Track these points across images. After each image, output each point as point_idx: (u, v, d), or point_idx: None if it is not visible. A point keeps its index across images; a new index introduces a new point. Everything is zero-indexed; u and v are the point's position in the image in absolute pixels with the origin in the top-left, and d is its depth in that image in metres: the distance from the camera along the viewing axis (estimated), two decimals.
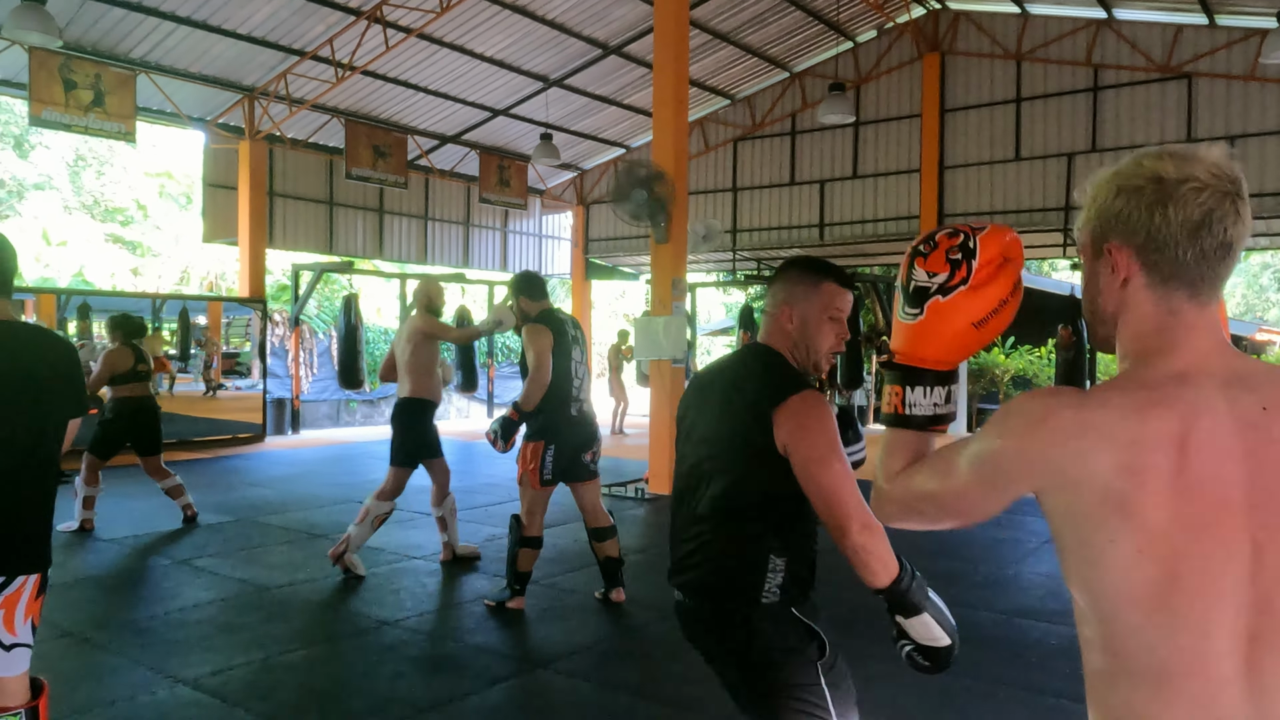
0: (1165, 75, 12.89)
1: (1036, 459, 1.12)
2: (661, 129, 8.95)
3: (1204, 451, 1.03)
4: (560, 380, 4.81)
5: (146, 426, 7.11)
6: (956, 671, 4.09)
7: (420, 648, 4.36)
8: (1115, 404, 1.08)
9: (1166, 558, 1.03)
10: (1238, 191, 1.09)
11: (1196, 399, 1.06)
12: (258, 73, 12.89)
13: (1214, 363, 1.09)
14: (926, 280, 1.28)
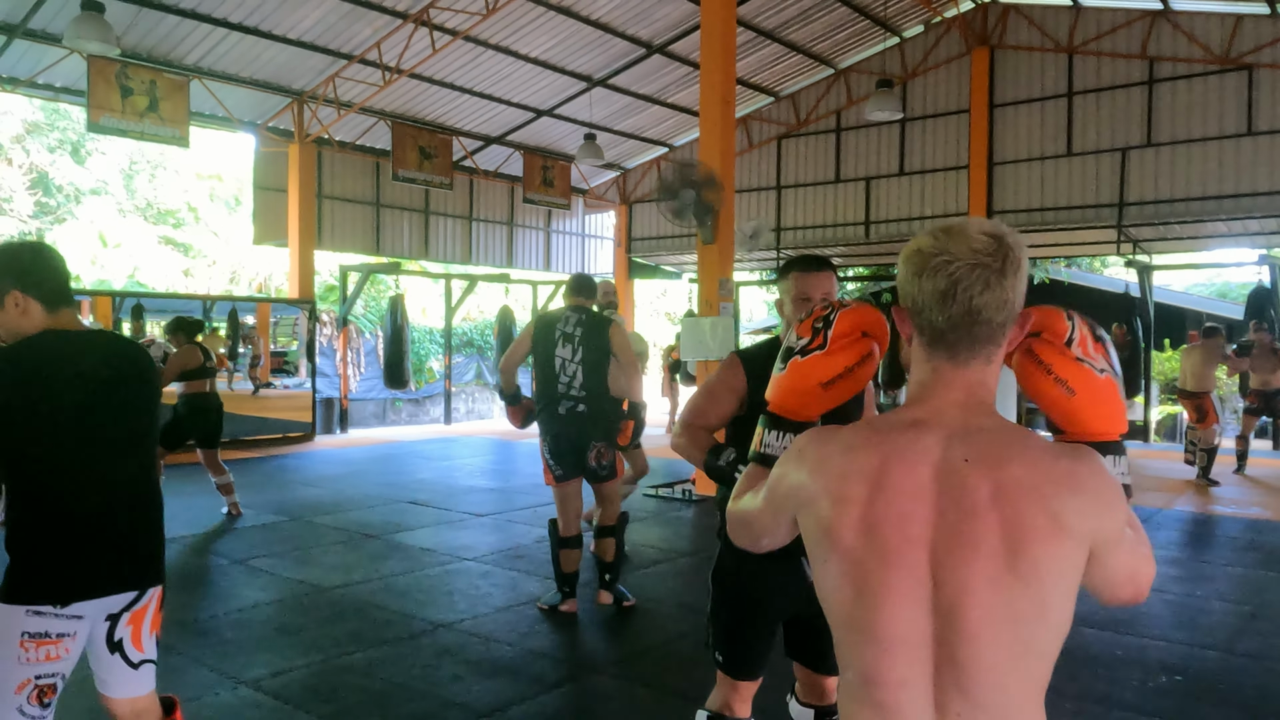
0: (1224, 67, 12.55)
1: (791, 486, 1.29)
2: (708, 128, 8.90)
3: (897, 490, 1.17)
4: (543, 377, 4.84)
5: (213, 422, 7.49)
6: None
7: (476, 651, 4.38)
8: (843, 441, 1.25)
9: (858, 580, 1.19)
10: (995, 264, 1.18)
11: (912, 443, 1.20)
12: (307, 77, 13.07)
13: (951, 416, 1.21)
14: (794, 342, 1.49)
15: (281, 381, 15.57)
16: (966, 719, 1.15)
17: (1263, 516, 7.86)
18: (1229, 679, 4.07)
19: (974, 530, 1.14)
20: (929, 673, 1.16)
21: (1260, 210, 12.52)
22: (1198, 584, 5.66)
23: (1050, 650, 1.19)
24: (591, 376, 4.80)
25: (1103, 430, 1.34)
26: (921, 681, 1.16)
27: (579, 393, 4.80)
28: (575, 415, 4.82)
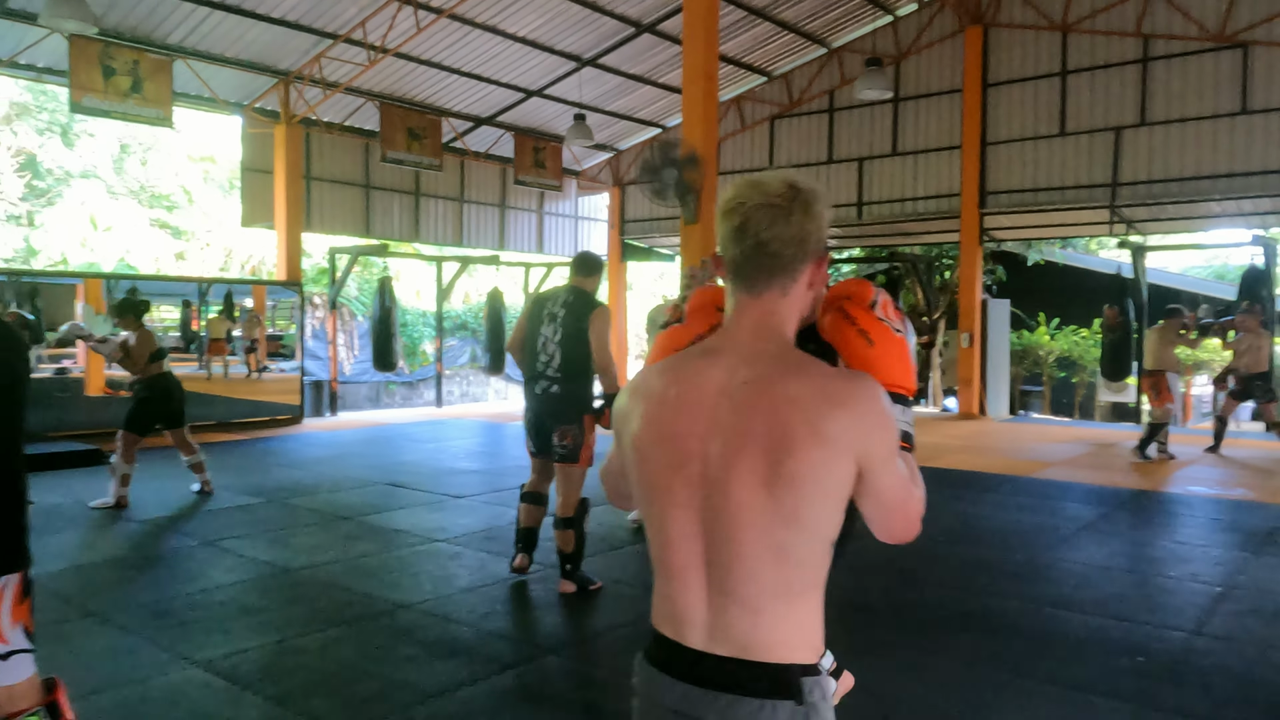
0: (1219, 44, 12.40)
1: (620, 415, 1.46)
2: (691, 106, 8.81)
3: (684, 408, 1.35)
4: (528, 354, 4.88)
5: (177, 401, 7.41)
6: (981, 662, 3.99)
7: (434, 632, 4.34)
8: (655, 370, 1.43)
9: (649, 486, 1.39)
10: (783, 204, 1.33)
11: (705, 368, 1.37)
12: (292, 57, 12.96)
13: (742, 341, 1.37)
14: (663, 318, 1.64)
15: (278, 365, 15.55)
16: (723, 607, 1.33)
17: (1246, 498, 7.80)
18: (1191, 660, 4.02)
19: (741, 441, 1.29)
20: (701, 564, 1.34)
21: (1255, 190, 12.40)
22: (1172, 565, 5.61)
23: (806, 556, 1.31)
24: (568, 358, 4.75)
25: (894, 381, 1.43)
26: (696, 571, 1.35)
27: (555, 373, 4.79)
28: (548, 395, 4.82)
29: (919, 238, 17.05)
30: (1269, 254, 12.29)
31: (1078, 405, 18.68)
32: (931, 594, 5.03)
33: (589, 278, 4.96)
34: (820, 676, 1.34)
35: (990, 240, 15.59)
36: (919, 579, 5.29)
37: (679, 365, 1.41)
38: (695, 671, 1.35)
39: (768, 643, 1.32)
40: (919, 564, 5.63)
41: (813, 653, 1.34)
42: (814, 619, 1.35)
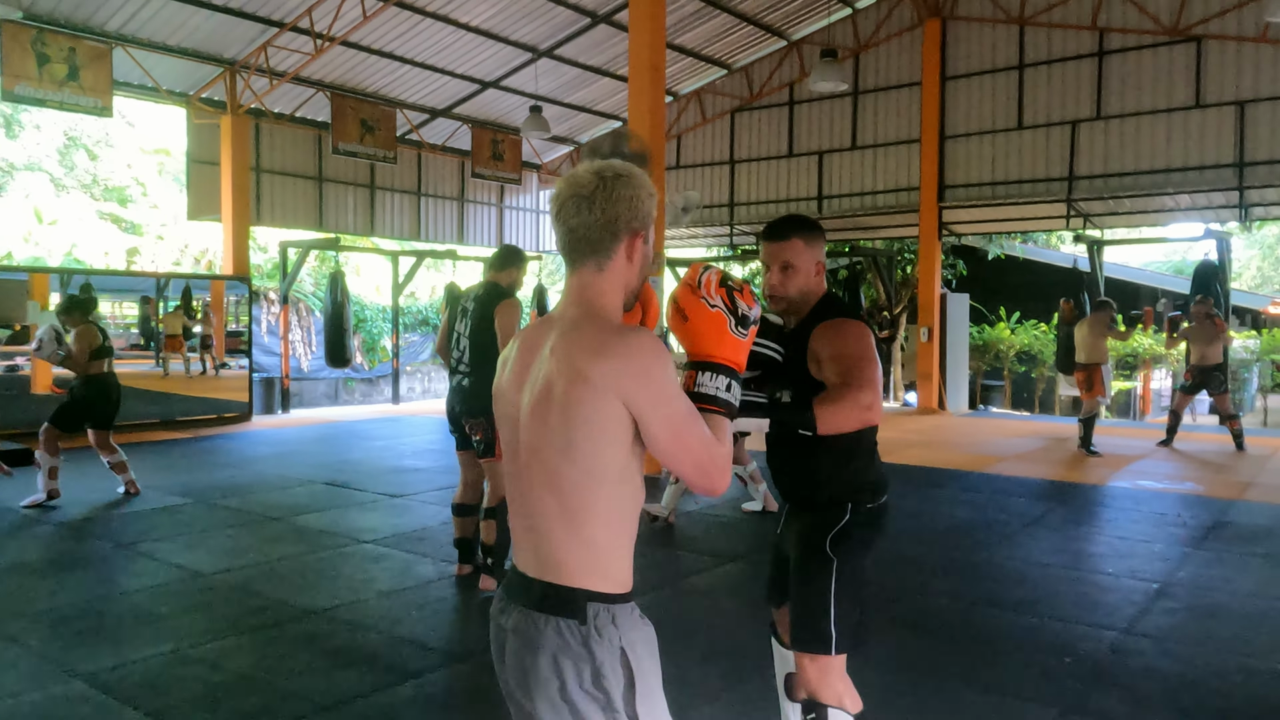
0: (1173, 38, 12.40)
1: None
2: (638, 98, 8.63)
3: (516, 369, 1.60)
4: (449, 349, 4.90)
5: (113, 403, 7.22)
6: (905, 665, 3.85)
7: (341, 639, 4.15)
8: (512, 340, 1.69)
9: (501, 437, 1.65)
10: (587, 194, 1.53)
11: (537, 335, 1.59)
12: (238, 45, 12.63)
13: (565, 311, 1.58)
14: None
15: (237, 362, 15.21)
16: (526, 531, 1.56)
17: (1194, 491, 7.76)
18: (1119, 660, 3.91)
19: (539, 388, 1.51)
20: (518, 496, 1.58)
21: (1208, 184, 12.42)
22: (1112, 561, 5.52)
23: (584, 486, 1.48)
24: (475, 351, 4.73)
25: (702, 350, 1.57)
26: (517, 503, 1.59)
27: (465, 367, 4.77)
28: (460, 389, 4.81)
29: (879, 232, 16.98)
30: (1222, 248, 12.33)
31: (1038, 400, 18.73)
32: None
33: (502, 271, 4.88)
34: (617, 606, 1.49)
35: (949, 234, 15.55)
36: None
37: (523, 334, 1.64)
38: (511, 591, 1.58)
39: (554, 564, 1.50)
40: None
41: (608, 583, 1.49)
42: (608, 552, 1.50)
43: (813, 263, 2.40)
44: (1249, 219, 13.91)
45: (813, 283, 2.40)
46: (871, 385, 2.20)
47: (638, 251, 1.57)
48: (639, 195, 1.55)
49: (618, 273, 1.57)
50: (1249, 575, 5.23)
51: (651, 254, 1.62)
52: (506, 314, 4.67)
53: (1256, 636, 4.20)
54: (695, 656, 3.96)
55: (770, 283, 2.40)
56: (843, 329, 2.32)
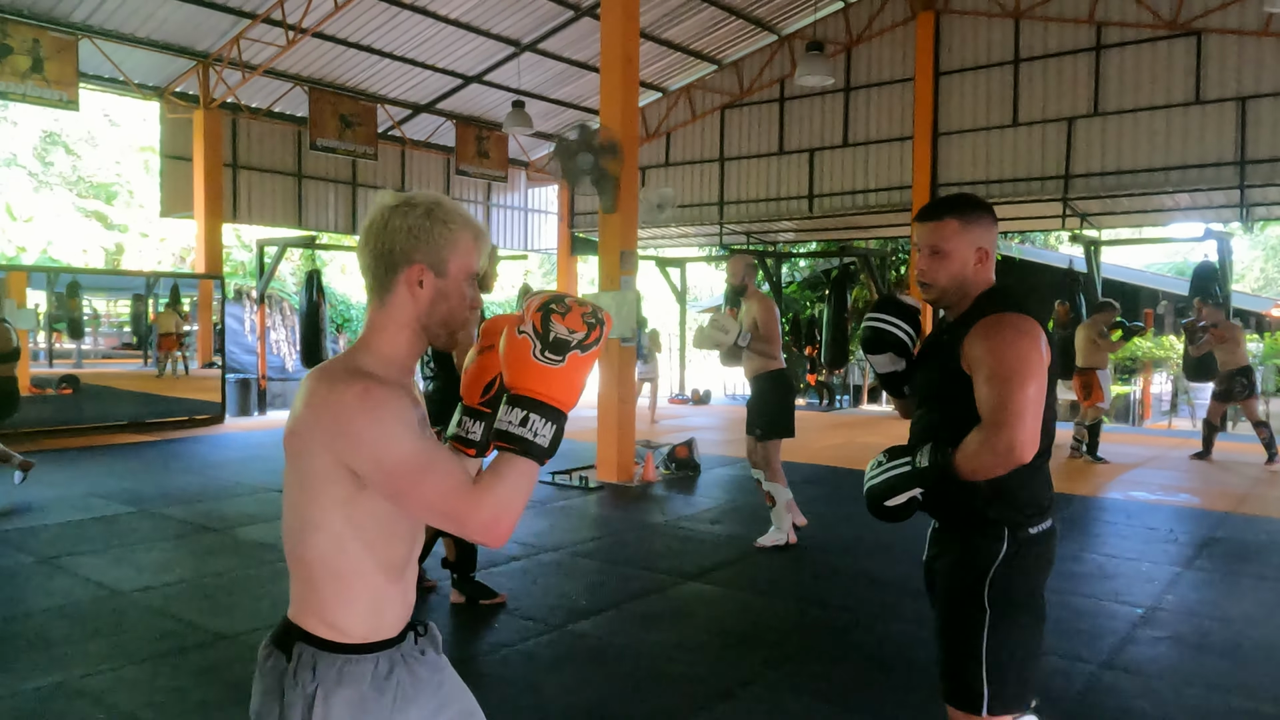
0: (1173, 32, 12.04)
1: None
2: (609, 89, 8.28)
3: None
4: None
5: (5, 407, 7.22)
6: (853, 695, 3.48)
7: (244, 669, 3.80)
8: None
9: None
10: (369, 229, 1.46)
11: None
12: (210, 38, 12.32)
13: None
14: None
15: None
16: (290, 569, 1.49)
17: (1189, 504, 7.40)
18: (1092, 699, 3.56)
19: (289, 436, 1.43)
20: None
21: (1208, 182, 12.06)
22: (1096, 582, 5.16)
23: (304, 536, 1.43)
24: (439, 355, 4.55)
25: (507, 381, 1.40)
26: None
27: (430, 371, 4.64)
28: (428, 394, 4.61)
29: (872, 231, 16.64)
30: (1222, 249, 11.94)
31: None
32: (818, 616, 4.56)
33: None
34: (323, 655, 1.41)
35: None
36: (809, 598, 4.82)
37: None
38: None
39: (293, 600, 1.48)
40: (815, 581, 5.17)
41: (325, 629, 1.42)
42: (329, 599, 1.42)
43: (970, 249, 2.11)
44: (1250, 219, 13.53)
45: (971, 272, 2.11)
46: (1020, 420, 1.93)
47: (427, 285, 1.45)
48: (422, 225, 1.43)
49: (400, 308, 1.46)
50: (1240, 599, 4.87)
51: (462, 289, 1.48)
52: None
53: (1243, 672, 3.85)
54: (627, 686, 3.62)
55: (918, 268, 2.18)
56: (997, 333, 2.00)
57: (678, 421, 12.80)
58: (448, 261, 1.45)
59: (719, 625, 4.47)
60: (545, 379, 1.36)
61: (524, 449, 1.35)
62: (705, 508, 7.21)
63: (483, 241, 1.51)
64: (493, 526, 1.34)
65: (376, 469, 1.35)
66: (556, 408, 1.37)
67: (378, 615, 1.45)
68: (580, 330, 1.36)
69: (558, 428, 1.37)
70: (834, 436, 11.49)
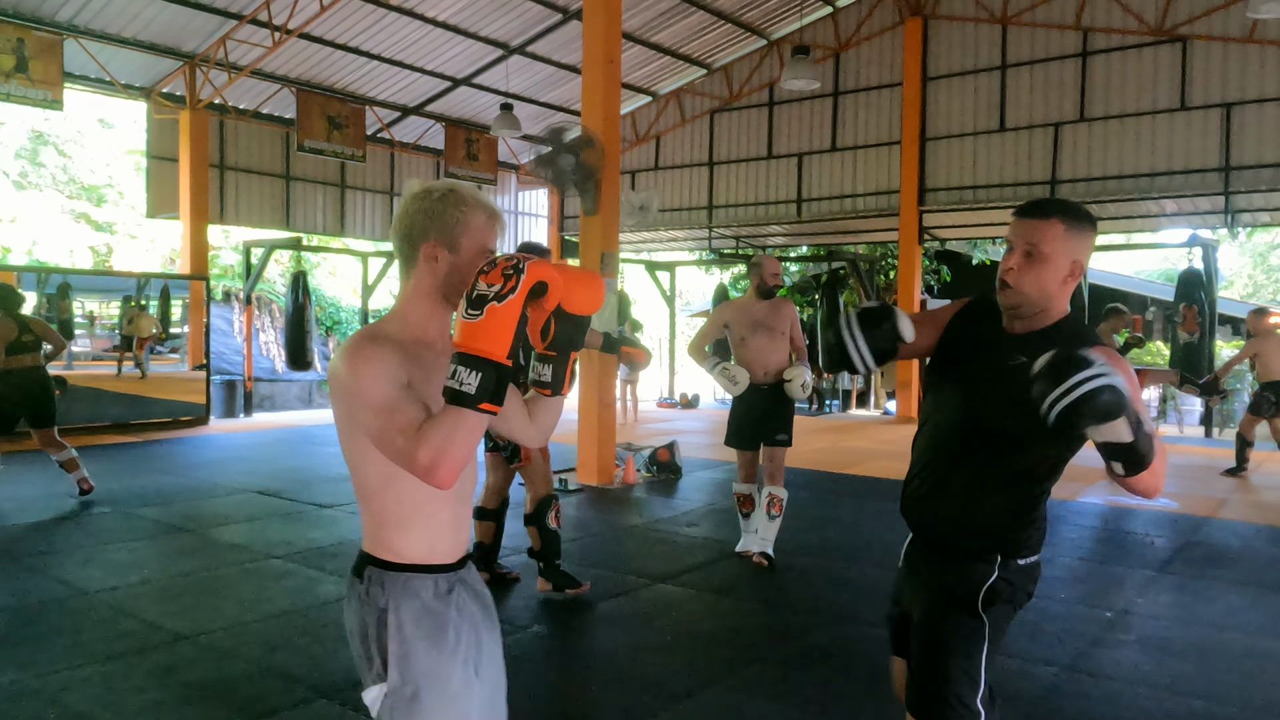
0: (1158, 39, 12.06)
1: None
2: (591, 90, 8.29)
3: None
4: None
5: (36, 397, 6.90)
6: (818, 703, 3.45)
7: (202, 671, 3.78)
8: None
9: None
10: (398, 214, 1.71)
11: None
12: (196, 38, 12.30)
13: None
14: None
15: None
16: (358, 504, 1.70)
17: (1169, 509, 7.39)
18: (1053, 702, 3.54)
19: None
20: None
21: (1193, 188, 12.07)
22: (1067, 585, 5.14)
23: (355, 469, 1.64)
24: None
25: (463, 344, 1.47)
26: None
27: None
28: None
29: (860, 236, 16.64)
30: (1207, 255, 11.96)
31: None
32: (785, 620, 4.53)
33: None
34: (388, 574, 1.63)
35: (931, 239, 15.20)
36: (778, 601, 4.80)
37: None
38: None
39: (363, 532, 1.70)
40: (790, 583, 5.15)
41: (385, 552, 1.65)
42: (384, 526, 1.65)
43: (1067, 260, 1.94)
44: (1235, 225, 13.56)
45: (1059, 285, 1.95)
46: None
47: (442, 260, 1.65)
48: (436, 208, 1.64)
49: (420, 280, 1.67)
50: (1210, 604, 4.86)
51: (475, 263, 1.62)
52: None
53: (1208, 676, 3.83)
54: (587, 687, 3.60)
55: (1004, 266, 1.97)
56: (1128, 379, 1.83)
57: (664, 425, 12.78)
58: (460, 239, 1.64)
59: (685, 627, 4.44)
60: (467, 332, 1.46)
61: (454, 397, 1.46)
62: (683, 510, 7.19)
63: (495, 221, 1.69)
64: (432, 469, 1.47)
65: (359, 411, 1.55)
66: (482, 357, 1.45)
67: (431, 540, 1.66)
68: (498, 283, 1.46)
69: (483, 375, 1.44)
70: (819, 441, 11.48)
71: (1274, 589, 5.10)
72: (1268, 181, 11.59)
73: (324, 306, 19.58)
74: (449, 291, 1.67)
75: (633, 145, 16.92)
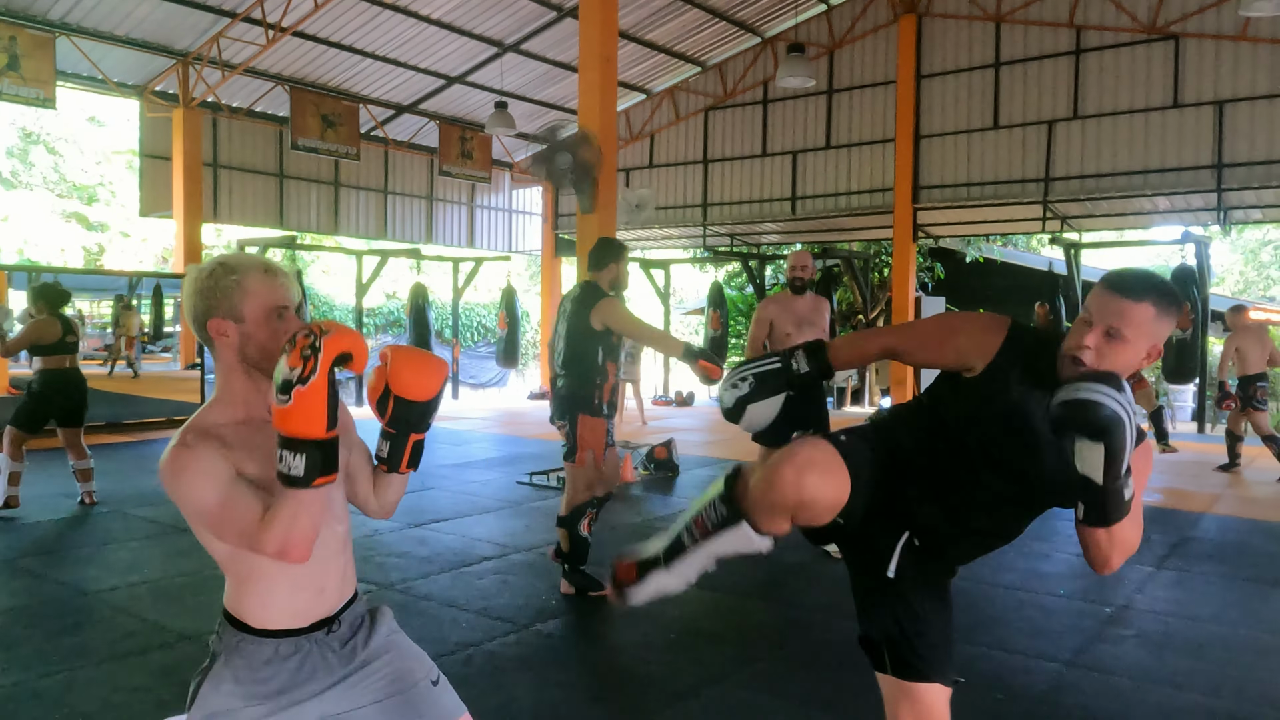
0: (1151, 36, 12.12)
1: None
2: (588, 88, 8.29)
3: None
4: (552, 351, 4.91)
5: (72, 399, 6.90)
6: (817, 699, 3.46)
7: None
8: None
9: None
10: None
11: None
12: (189, 36, 12.25)
13: None
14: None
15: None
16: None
17: (1161, 504, 7.44)
18: (1055, 697, 3.56)
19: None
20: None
21: (1186, 185, 12.14)
22: (1065, 581, 5.18)
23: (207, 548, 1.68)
24: (570, 354, 4.64)
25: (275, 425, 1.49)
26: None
27: (560, 368, 4.72)
28: (555, 388, 4.78)
29: (855, 233, 16.68)
30: (1200, 252, 12.03)
31: None
32: (788, 617, 4.55)
33: (601, 270, 4.67)
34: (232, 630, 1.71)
35: (925, 236, 15.25)
36: (782, 599, 4.82)
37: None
38: None
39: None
40: (791, 579, 5.17)
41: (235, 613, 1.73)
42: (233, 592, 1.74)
43: (1150, 344, 1.77)
44: (1228, 222, 13.63)
45: (1131, 367, 1.78)
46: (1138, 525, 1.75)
47: (231, 332, 1.65)
48: (208, 284, 1.64)
49: (223, 357, 1.67)
50: (1208, 599, 4.90)
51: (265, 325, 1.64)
52: (613, 313, 4.49)
53: (1207, 670, 3.87)
54: (592, 685, 3.60)
55: (1080, 343, 1.75)
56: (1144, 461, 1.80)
57: (660, 423, 12.79)
58: (240, 307, 1.63)
59: (687, 624, 4.46)
60: (281, 417, 1.46)
61: (287, 482, 1.49)
62: (681, 508, 7.19)
63: (274, 277, 1.67)
64: (284, 552, 1.54)
65: (194, 517, 1.61)
66: (302, 439, 1.46)
67: (267, 609, 1.69)
68: (298, 365, 1.44)
69: (308, 456, 1.46)
70: None
71: (1270, 584, 5.14)
72: (1259, 179, 11.66)
73: (318, 305, 19.53)
74: (251, 361, 1.67)
75: (627, 143, 16.92)
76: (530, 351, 22.14)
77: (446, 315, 18.66)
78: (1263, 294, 26.20)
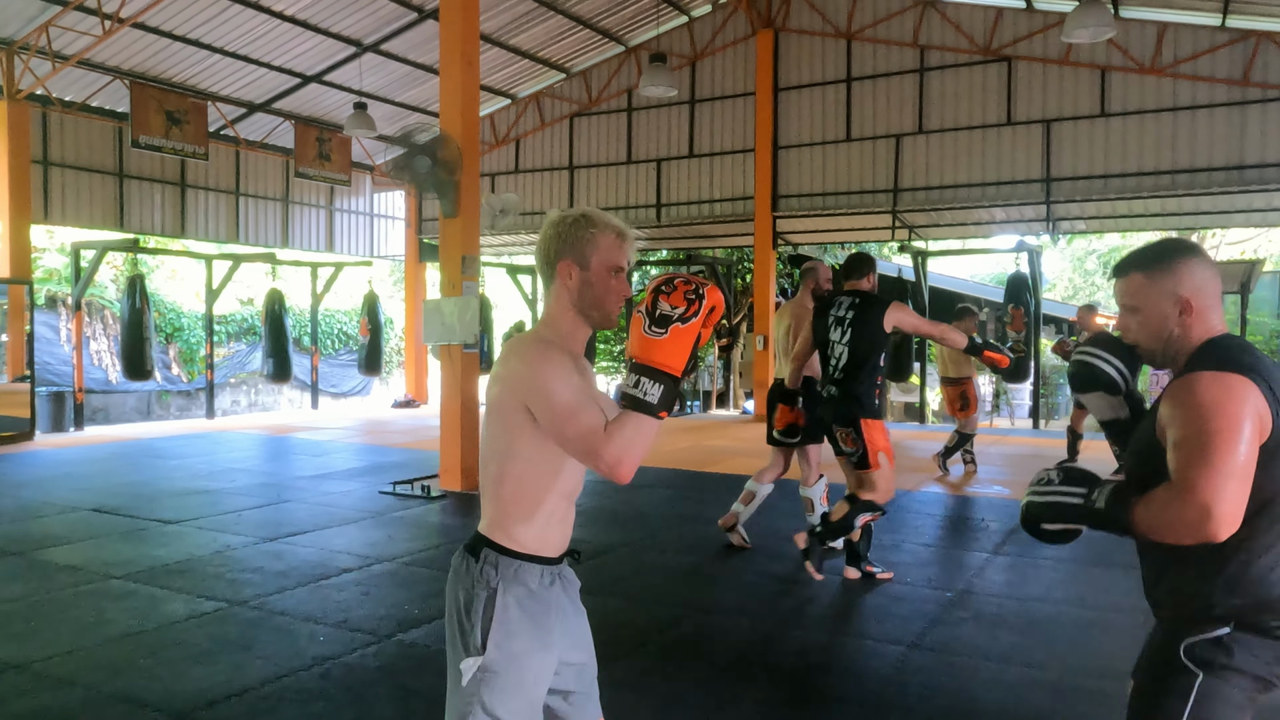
0: (987, 58, 12.94)
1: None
2: (449, 90, 8.20)
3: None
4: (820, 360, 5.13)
5: None
6: (663, 688, 3.53)
7: (38, 699, 3.53)
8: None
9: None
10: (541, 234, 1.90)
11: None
12: (16, 23, 11.41)
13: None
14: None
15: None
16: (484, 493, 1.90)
17: (1000, 495, 7.94)
18: (900, 678, 3.76)
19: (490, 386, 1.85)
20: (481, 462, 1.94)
21: (1019, 198, 13.01)
22: (912, 570, 5.47)
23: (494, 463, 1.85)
24: (852, 361, 4.81)
25: (629, 351, 1.71)
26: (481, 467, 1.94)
27: (838, 374, 4.87)
28: (829, 397, 4.93)
29: (718, 240, 17.08)
30: (1032, 260, 12.92)
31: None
32: (653, 614, 4.62)
33: (863, 278, 4.93)
34: (503, 559, 1.82)
35: (784, 243, 15.76)
36: (647, 598, 4.89)
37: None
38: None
39: (483, 518, 1.88)
40: (656, 579, 5.25)
41: (506, 539, 1.83)
42: (510, 515, 1.84)
43: (1165, 301, 1.84)
44: (1056, 232, 14.68)
45: (1175, 326, 1.83)
46: (1210, 483, 1.61)
47: (575, 277, 1.83)
48: (569, 231, 1.83)
49: (559, 296, 1.86)
50: (1036, 580, 5.27)
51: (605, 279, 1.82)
52: (906, 314, 4.81)
53: (1035, 645, 4.17)
54: None
55: (1117, 325, 2.01)
56: (1189, 392, 1.71)
57: None
58: (590, 257, 1.82)
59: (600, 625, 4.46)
60: (651, 348, 1.66)
61: (636, 405, 1.66)
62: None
63: (624, 241, 1.86)
64: (616, 465, 1.66)
65: (543, 408, 1.72)
66: (664, 371, 1.65)
67: (545, 533, 1.85)
68: (680, 305, 1.66)
69: (665, 388, 1.65)
70: (682, 440, 11.71)
71: (1091, 564, 5.57)
72: (1082, 192, 12.63)
73: (163, 312, 18.45)
74: (583, 305, 1.85)
75: (492, 148, 16.79)
76: (394, 359, 21.61)
77: (305, 322, 18.00)
78: (1089, 298, 28.35)
